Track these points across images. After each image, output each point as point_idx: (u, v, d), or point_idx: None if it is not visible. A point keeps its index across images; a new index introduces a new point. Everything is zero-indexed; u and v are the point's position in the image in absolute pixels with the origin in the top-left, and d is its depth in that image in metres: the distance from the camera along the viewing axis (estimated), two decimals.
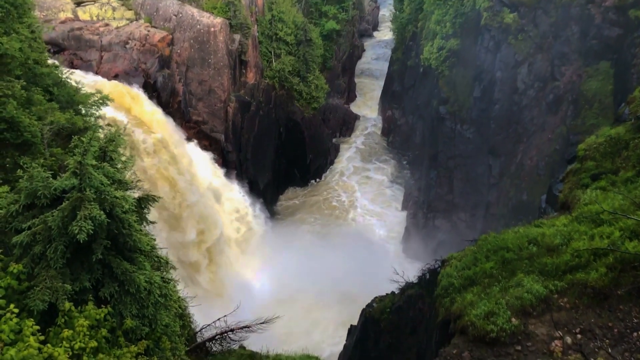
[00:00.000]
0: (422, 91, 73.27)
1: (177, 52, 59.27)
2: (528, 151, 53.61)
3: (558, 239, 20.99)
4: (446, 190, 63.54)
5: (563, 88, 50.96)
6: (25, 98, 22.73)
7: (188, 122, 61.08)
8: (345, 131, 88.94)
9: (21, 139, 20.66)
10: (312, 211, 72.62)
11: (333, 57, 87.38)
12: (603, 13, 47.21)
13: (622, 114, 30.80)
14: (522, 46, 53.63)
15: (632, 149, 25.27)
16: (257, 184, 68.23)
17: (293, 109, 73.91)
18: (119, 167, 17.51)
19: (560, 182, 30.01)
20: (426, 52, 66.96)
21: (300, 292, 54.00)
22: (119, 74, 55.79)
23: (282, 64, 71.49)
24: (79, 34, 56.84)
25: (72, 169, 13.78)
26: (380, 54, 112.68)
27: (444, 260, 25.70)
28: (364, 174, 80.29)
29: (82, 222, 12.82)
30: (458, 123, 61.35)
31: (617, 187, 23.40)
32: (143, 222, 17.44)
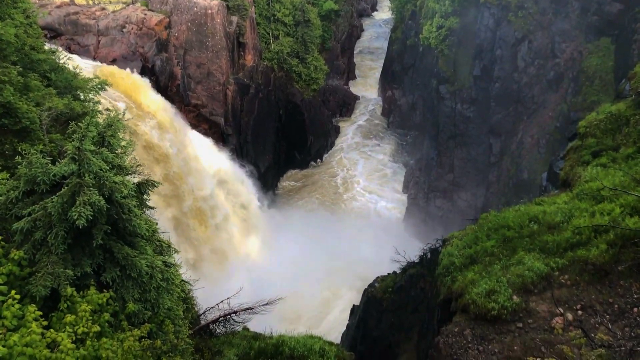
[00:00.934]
0: (422, 71, 72.83)
1: (174, 35, 58.84)
2: (529, 129, 53.43)
3: (559, 216, 20.99)
4: (447, 170, 63.50)
5: (563, 65, 50.61)
6: (22, 84, 22.58)
7: (187, 105, 60.86)
8: (345, 112, 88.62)
9: (19, 125, 20.56)
10: (313, 192, 72.69)
11: (332, 38, 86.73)
12: None
13: (622, 90, 30.61)
14: (522, 23, 53.15)
15: (633, 125, 25.16)
16: (258, 166, 68.20)
17: (292, 91, 73.57)
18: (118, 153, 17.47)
19: (561, 159, 29.94)
20: (425, 31, 66.42)
21: (301, 273, 54.26)
22: (117, 58, 55.45)
23: (281, 46, 71.01)
24: (75, 18, 56.37)
25: (71, 155, 13.75)
26: (380, 32, 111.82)
27: (445, 239, 25.76)
28: (365, 154, 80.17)
29: (81, 208, 12.82)
30: (458, 102, 61.07)
31: (618, 164, 23.35)
32: (143, 207, 17.47)
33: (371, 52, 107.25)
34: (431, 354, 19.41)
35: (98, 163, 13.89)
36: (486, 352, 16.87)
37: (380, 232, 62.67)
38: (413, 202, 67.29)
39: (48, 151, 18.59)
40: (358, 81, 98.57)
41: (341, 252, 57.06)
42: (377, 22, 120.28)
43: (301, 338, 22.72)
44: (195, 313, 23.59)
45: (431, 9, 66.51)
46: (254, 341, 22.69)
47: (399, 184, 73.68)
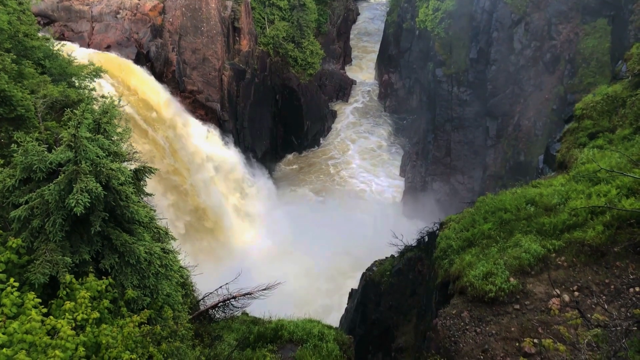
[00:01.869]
0: (418, 54, 72.53)
1: (169, 21, 58.38)
2: (525, 112, 53.43)
3: (555, 198, 21.07)
4: (444, 153, 63.56)
5: (560, 47, 50.48)
6: (16, 72, 22.47)
7: (183, 91, 60.56)
8: (342, 96, 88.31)
9: (14, 113, 20.48)
10: (310, 177, 72.74)
11: (327, 22, 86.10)
12: None
13: (619, 71, 30.56)
14: (518, 5, 52.90)
15: (629, 107, 25.16)
16: (255, 151, 68.13)
17: (289, 76, 73.24)
18: (115, 139, 17.42)
19: (558, 141, 29.98)
20: (421, 14, 66.08)
21: (300, 257, 54.51)
22: (111, 44, 55.05)
23: (276, 30, 70.53)
24: (68, 4, 55.84)
25: (67, 142, 13.71)
26: (377, 15, 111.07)
27: (442, 222, 25.85)
28: (362, 138, 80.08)
29: (78, 195, 12.81)
30: (455, 85, 60.94)
31: (614, 145, 23.39)
32: (140, 193, 17.46)
33: (367, 36, 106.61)
34: (429, 335, 19.58)
35: (94, 150, 13.86)
36: (483, 334, 17.03)
37: (378, 216, 62.85)
38: (410, 185, 67.42)
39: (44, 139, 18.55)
40: (354, 65, 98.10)
41: (339, 236, 57.22)
42: (373, 5, 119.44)
43: (300, 322, 22.90)
44: (194, 298, 23.72)
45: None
46: (253, 326, 22.87)
47: (396, 168, 73.73)
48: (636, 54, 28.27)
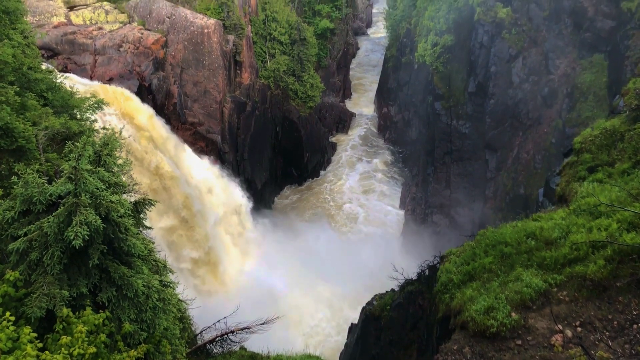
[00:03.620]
0: (417, 87, 73.26)
1: (171, 54, 59.16)
2: (524, 145, 53.66)
3: (556, 232, 20.97)
4: (444, 186, 63.58)
5: (558, 81, 51.00)
6: (19, 104, 22.63)
7: (184, 123, 60.99)
8: (341, 129, 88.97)
9: (15, 144, 20.57)
10: (309, 209, 72.62)
11: (328, 56, 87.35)
12: (595, 5, 47.24)
13: (617, 106, 30.82)
14: (516, 40, 53.65)
15: (628, 141, 25.27)
16: (255, 183, 68.19)
17: (289, 108, 73.87)
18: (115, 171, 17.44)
19: (557, 175, 30.01)
20: (420, 48, 66.96)
21: (298, 291, 54.02)
22: (114, 77, 55.67)
23: (277, 64, 71.43)
24: (72, 38, 56.67)
25: (67, 174, 13.73)
26: (376, 50, 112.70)
27: (442, 256, 25.66)
28: (361, 171, 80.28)
29: (77, 228, 12.77)
30: (454, 118, 61.36)
31: (614, 179, 23.40)
32: (140, 225, 17.41)
33: (367, 70, 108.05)
34: None
35: (94, 182, 13.87)
36: None
37: (378, 249, 62.51)
38: (410, 218, 67.25)
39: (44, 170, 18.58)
40: (354, 98, 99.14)
41: (338, 270, 56.80)
42: (372, 40, 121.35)
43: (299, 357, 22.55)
44: (191, 333, 23.41)
45: (426, 27, 67.13)
46: None
47: (395, 200, 73.68)
48: (633, 89, 28.53)
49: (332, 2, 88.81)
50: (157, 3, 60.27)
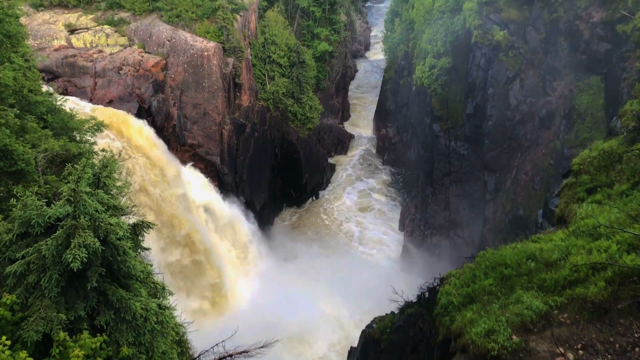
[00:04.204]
0: (416, 109, 73.68)
1: (171, 77, 59.58)
2: (523, 166, 53.79)
3: (556, 253, 20.90)
4: (443, 207, 63.55)
5: (555, 103, 51.33)
6: (19, 126, 22.72)
7: (183, 145, 61.17)
8: (340, 150, 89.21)
9: (15, 167, 20.59)
10: (308, 231, 72.45)
11: (326, 78, 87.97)
12: (591, 28, 47.75)
13: (614, 127, 30.97)
14: (513, 62, 54.14)
15: (626, 162, 25.33)
16: (254, 204, 68.12)
17: (288, 130, 74.18)
18: (114, 193, 17.45)
19: (556, 196, 30.02)
20: (418, 71, 67.50)
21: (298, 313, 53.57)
22: (113, 99, 55.99)
23: (276, 86, 71.91)
24: (72, 61, 57.13)
25: (66, 197, 13.72)
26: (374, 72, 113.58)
27: (442, 278, 25.54)
28: (360, 192, 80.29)
29: (76, 250, 12.72)
30: (452, 140, 61.61)
31: (613, 201, 23.41)
32: (138, 248, 17.35)
33: (365, 91, 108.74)
34: None
35: (93, 205, 13.85)
36: None
37: (377, 270, 62.26)
38: (410, 239, 67.08)
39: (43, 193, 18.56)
40: (353, 119, 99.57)
41: (338, 292, 56.46)
42: (370, 62, 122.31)
43: None
44: (190, 357, 23.16)
45: (423, 49, 67.76)
46: None
47: (395, 222, 73.56)
48: (630, 111, 28.71)
49: (331, 26, 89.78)
50: (158, 26, 60.90)
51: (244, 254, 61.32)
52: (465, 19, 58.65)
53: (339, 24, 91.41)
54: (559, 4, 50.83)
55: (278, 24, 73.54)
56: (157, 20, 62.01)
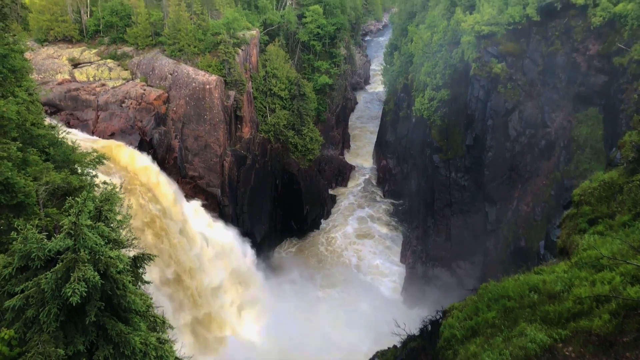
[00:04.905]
0: (416, 140, 74.07)
1: (173, 110, 60.10)
2: (524, 197, 53.77)
3: (559, 285, 20.71)
4: (444, 239, 63.29)
5: (554, 134, 51.62)
6: (21, 159, 22.80)
7: (184, 177, 61.30)
8: (341, 181, 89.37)
9: (15, 200, 20.57)
10: (309, 263, 71.99)
11: (327, 110, 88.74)
12: (588, 61, 48.40)
13: (614, 158, 31.07)
14: (511, 94, 54.64)
15: (627, 193, 25.33)
16: (254, 236, 67.89)
17: (289, 161, 74.46)
18: (114, 226, 17.42)
19: (558, 227, 29.93)
20: (417, 103, 68.10)
21: (299, 348, 52.84)
22: (115, 132, 56.35)
23: (277, 118, 72.48)
24: (75, 94, 57.73)
25: (67, 230, 13.69)
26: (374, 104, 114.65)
27: (445, 310, 25.25)
28: (361, 224, 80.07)
29: (75, 284, 12.64)
30: (452, 171, 61.74)
31: (615, 232, 23.32)
32: (138, 281, 17.22)
33: (366, 121, 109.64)
34: None
35: (94, 238, 13.82)
36: None
37: (379, 303, 61.64)
38: (411, 271, 66.60)
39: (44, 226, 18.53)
40: (353, 151, 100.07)
41: (339, 325, 55.78)
42: (370, 94, 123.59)
43: None
44: None
45: (422, 82, 68.50)
46: None
47: (396, 253, 73.16)
48: (629, 142, 28.85)
49: (331, 59, 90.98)
50: (160, 60, 61.73)
51: (246, 286, 60.78)
52: (463, 52, 59.45)
53: (339, 58, 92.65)
54: (556, 37, 51.59)
55: (279, 57, 74.56)
56: (159, 54, 62.91)
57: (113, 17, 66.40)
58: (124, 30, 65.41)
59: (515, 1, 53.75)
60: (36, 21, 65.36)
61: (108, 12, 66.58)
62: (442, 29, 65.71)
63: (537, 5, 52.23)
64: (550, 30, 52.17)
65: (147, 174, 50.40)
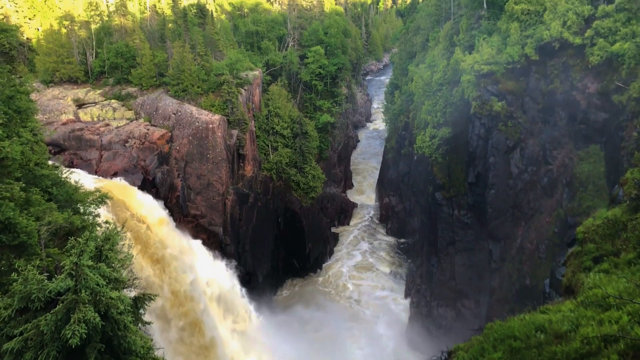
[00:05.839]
0: (418, 178, 74.18)
1: (176, 149, 60.52)
2: (527, 234, 53.44)
3: (566, 325, 20.38)
4: (448, 277, 62.63)
5: (556, 171, 51.65)
6: (23, 199, 22.86)
7: (186, 216, 61.23)
8: (343, 219, 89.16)
9: (17, 240, 20.54)
10: (312, 303, 71.13)
11: (329, 148, 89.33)
12: (587, 98, 48.80)
13: (616, 195, 31.02)
14: (512, 132, 54.93)
15: (631, 230, 25.18)
16: (256, 275, 67.36)
17: (291, 199, 74.48)
18: (115, 266, 17.32)
19: (562, 265, 29.65)
20: (419, 140, 68.47)
21: None
22: (118, 171, 56.63)
23: (279, 156, 72.91)
24: (79, 134, 58.28)
25: (68, 270, 13.63)
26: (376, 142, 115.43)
27: (450, 351, 24.80)
28: (364, 262, 79.48)
29: (75, 326, 12.50)
30: (455, 208, 61.56)
31: (620, 270, 23.09)
32: (139, 322, 17.03)
33: (368, 157, 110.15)
34: None
35: (95, 278, 13.74)
36: None
37: (384, 344, 60.62)
38: (416, 311, 65.71)
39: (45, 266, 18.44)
40: (355, 188, 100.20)
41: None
42: (372, 132, 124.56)
43: None
44: None
45: (423, 120, 69.06)
46: None
47: (400, 292, 72.37)
48: (631, 179, 28.86)
49: (333, 98, 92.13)
50: (164, 100, 62.53)
51: (247, 327, 59.93)
52: (463, 90, 60.09)
53: (341, 97, 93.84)
54: (555, 76, 52.20)
55: (281, 97, 75.54)
56: (163, 95, 63.76)
57: (118, 59, 67.59)
58: (129, 71, 66.48)
59: (514, 41, 54.59)
60: (42, 63, 66.56)
61: (113, 53, 67.81)
62: (442, 68, 66.62)
63: (535, 45, 53.01)
64: (549, 69, 52.82)
65: (162, 229, 50.27)
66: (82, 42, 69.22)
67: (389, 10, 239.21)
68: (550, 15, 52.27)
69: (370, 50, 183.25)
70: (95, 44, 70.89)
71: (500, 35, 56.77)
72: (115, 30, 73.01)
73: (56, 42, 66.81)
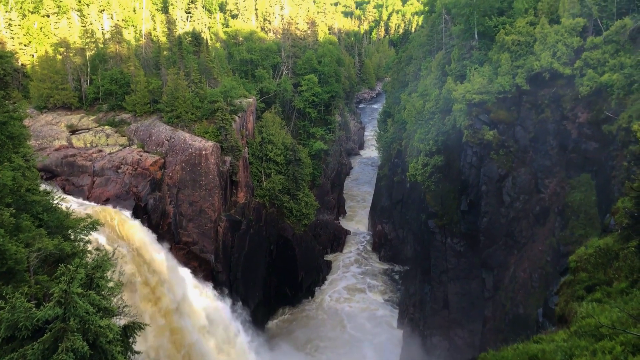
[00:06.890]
0: (411, 205, 74.27)
1: (168, 175, 60.38)
2: (520, 263, 53.38)
3: (559, 355, 20.24)
4: (441, 306, 62.25)
5: (548, 200, 51.88)
6: (13, 225, 22.64)
7: (177, 243, 60.77)
8: (336, 247, 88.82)
9: (5, 267, 20.26)
10: (304, 331, 70.34)
11: (322, 175, 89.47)
12: (578, 128, 49.34)
13: (608, 224, 31.15)
14: (504, 160, 55.29)
15: (623, 259, 25.23)
16: (248, 303, 66.62)
17: (284, 226, 74.20)
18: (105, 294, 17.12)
19: (555, 294, 29.58)
20: (411, 168, 68.80)
21: None
22: (110, 197, 56.30)
23: (272, 183, 72.89)
24: (72, 160, 58.07)
25: (57, 298, 13.44)
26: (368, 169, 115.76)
27: None
28: (357, 291, 78.93)
29: (63, 355, 12.28)
30: (448, 236, 61.54)
31: (613, 299, 23.05)
32: (128, 350, 16.75)
33: (361, 184, 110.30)
34: None
35: (84, 306, 13.56)
36: None
37: None
38: (409, 340, 65.06)
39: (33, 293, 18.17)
40: (348, 216, 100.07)
41: None
42: (365, 159, 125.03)
43: None
44: None
45: (416, 148, 69.50)
46: None
47: (393, 321, 71.73)
48: (622, 208, 29.02)
49: (326, 126, 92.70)
50: (157, 127, 62.62)
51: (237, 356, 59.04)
52: (455, 119, 60.64)
53: (334, 124, 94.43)
54: (546, 105, 52.84)
55: (275, 124, 75.88)
56: (157, 121, 63.89)
57: (112, 85, 67.85)
58: (123, 98, 66.69)
59: (505, 71, 55.38)
60: (37, 89, 66.72)
61: (108, 80, 68.10)
62: (434, 97, 67.34)
63: (526, 75, 53.79)
64: (540, 99, 53.49)
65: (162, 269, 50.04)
66: (77, 68, 69.54)
67: (381, 39, 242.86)
68: (541, 46, 53.16)
69: (363, 79, 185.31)
70: (90, 71, 71.22)
71: (491, 65, 57.61)
72: (110, 57, 73.48)
73: (51, 69, 67.09)
